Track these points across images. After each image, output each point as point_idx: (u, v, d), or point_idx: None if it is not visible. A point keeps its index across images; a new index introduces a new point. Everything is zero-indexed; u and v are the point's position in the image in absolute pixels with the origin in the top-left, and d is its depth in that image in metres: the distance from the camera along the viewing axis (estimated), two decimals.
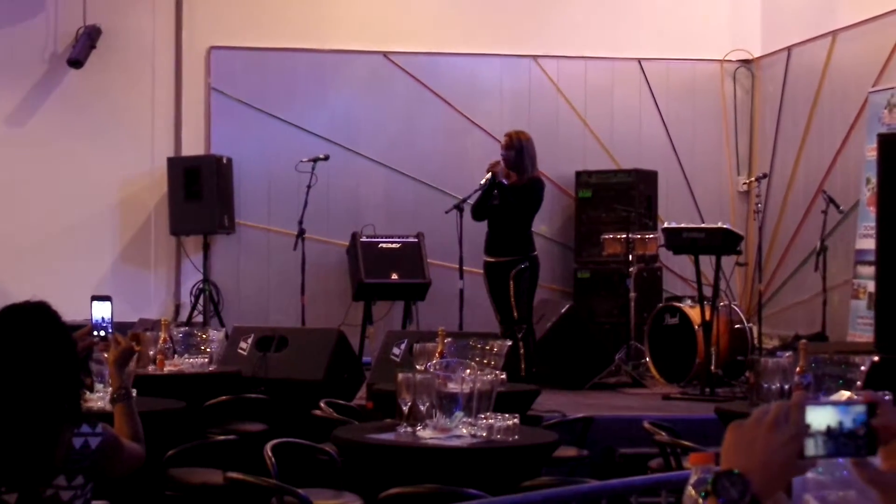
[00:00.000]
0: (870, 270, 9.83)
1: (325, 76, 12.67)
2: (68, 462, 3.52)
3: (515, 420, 4.87)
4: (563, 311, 10.50)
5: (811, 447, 1.88)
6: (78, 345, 4.03)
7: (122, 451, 3.74)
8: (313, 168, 11.18)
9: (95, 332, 4.46)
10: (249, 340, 8.72)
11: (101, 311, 4.98)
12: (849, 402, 1.90)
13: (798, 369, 5.84)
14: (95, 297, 5.03)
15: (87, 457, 3.55)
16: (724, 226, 9.79)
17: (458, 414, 4.82)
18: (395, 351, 8.30)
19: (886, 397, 5.25)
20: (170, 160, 12.20)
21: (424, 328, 10.93)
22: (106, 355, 5.66)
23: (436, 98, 12.76)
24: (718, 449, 2.01)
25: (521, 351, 9.34)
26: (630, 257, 11.07)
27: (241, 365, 8.35)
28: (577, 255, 12.59)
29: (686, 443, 5.56)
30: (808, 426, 1.87)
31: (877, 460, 1.94)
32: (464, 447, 4.70)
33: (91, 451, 3.56)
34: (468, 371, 5.06)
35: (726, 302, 10.46)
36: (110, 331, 5.17)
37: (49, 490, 3.49)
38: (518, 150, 9.85)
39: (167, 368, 7.36)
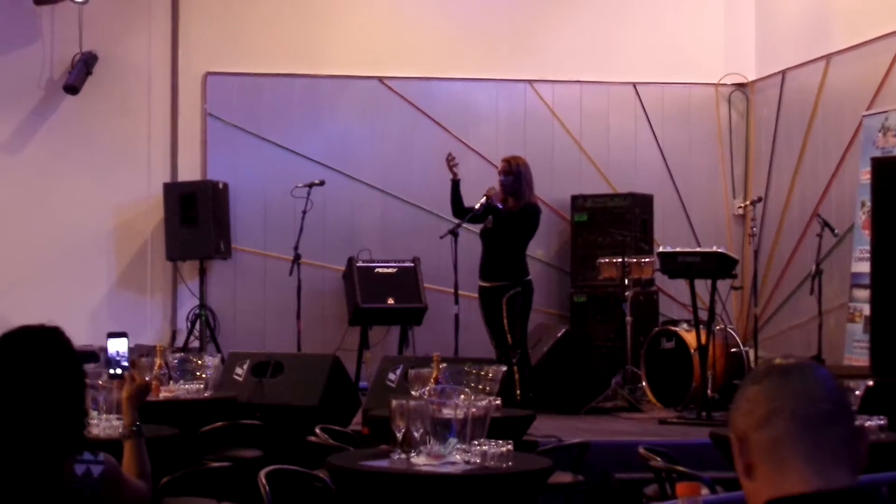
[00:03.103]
0: (865, 294, 9.84)
1: (320, 101, 12.70)
2: (70, 491, 3.45)
3: (509, 446, 4.86)
4: (559, 335, 10.50)
5: None
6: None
7: (125, 484, 3.66)
8: (309, 193, 11.20)
9: (111, 369, 4.44)
10: (245, 366, 8.71)
11: (117, 346, 4.98)
12: None
13: None
14: (112, 334, 5.03)
15: (88, 486, 3.48)
16: (719, 250, 9.79)
17: (452, 440, 4.81)
18: (391, 376, 8.28)
19: (882, 421, 5.25)
20: (166, 186, 12.22)
21: (421, 353, 10.94)
22: (99, 381, 5.67)
23: (431, 123, 12.78)
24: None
25: (517, 376, 9.34)
26: (626, 281, 11.09)
27: (237, 391, 8.34)
28: (574, 279, 12.59)
29: (681, 468, 5.54)
30: None
31: None
32: (457, 474, 4.69)
33: (93, 479, 3.49)
34: (462, 397, 5.06)
35: (722, 326, 10.47)
36: (126, 366, 5.16)
37: None
38: (516, 175, 9.89)
39: (162, 395, 7.34)
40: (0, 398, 3.41)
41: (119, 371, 4.59)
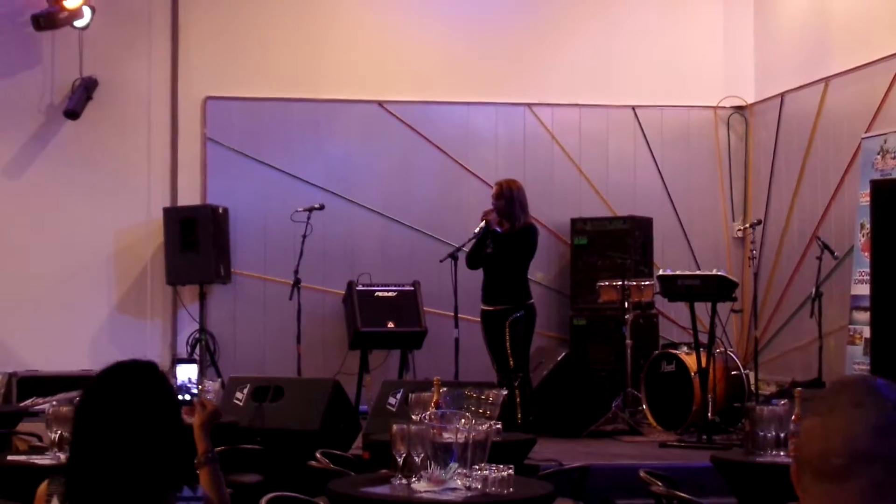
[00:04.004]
0: (865, 316, 9.84)
1: (320, 125, 12.72)
2: None
3: (510, 471, 4.85)
4: (559, 358, 10.49)
5: None
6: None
7: None
8: (309, 217, 11.22)
9: (180, 395, 4.37)
10: (245, 390, 8.70)
11: (187, 373, 4.91)
12: None
13: (794, 417, 5.82)
14: (180, 360, 5.00)
15: None
16: (719, 273, 9.80)
17: (453, 465, 4.80)
18: (392, 400, 8.28)
19: None
20: (166, 210, 12.23)
21: (421, 376, 10.95)
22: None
23: (431, 146, 12.80)
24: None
25: (518, 399, 9.34)
26: (626, 304, 11.09)
27: (238, 415, 8.33)
28: (573, 302, 12.58)
29: (682, 494, 5.53)
30: None
31: None
32: (458, 501, 4.68)
33: None
34: (463, 421, 5.05)
35: (722, 348, 10.46)
36: (195, 393, 5.09)
37: None
38: (508, 198, 9.93)
39: None
40: (103, 434, 3.32)
41: (188, 398, 4.48)
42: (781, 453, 5.77)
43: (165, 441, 3.36)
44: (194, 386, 4.63)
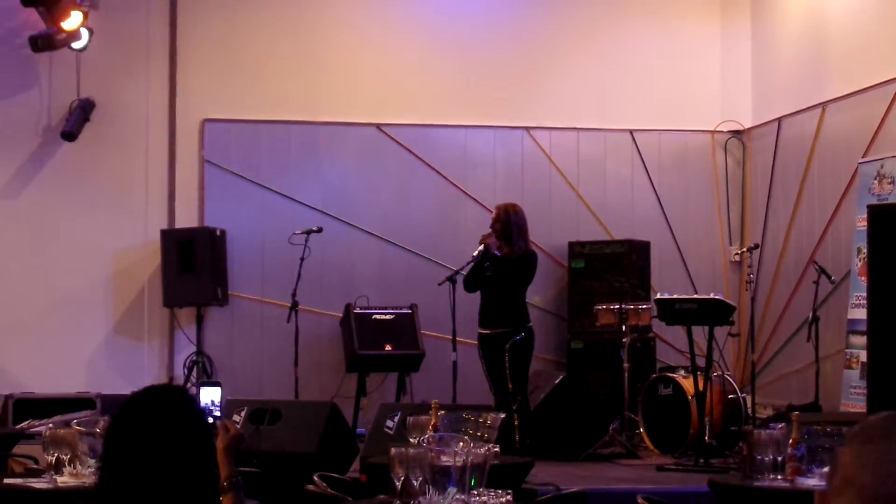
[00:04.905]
0: (862, 340, 9.84)
1: (318, 148, 12.74)
2: None
3: (508, 496, 4.84)
4: (556, 381, 10.50)
5: None
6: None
7: None
8: (307, 240, 11.24)
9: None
10: (243, 413, 8.69)
11: (211, 396, 4.86)
12: None
13: (791, 441, 5.81)
14: (204, 383, 4.94)
15: None
16: (717, 297, 9.82)
17: (451, 490, 4.79)
18: (389, 423, 8.28)
19: None
20: (163, 232, 12.23)
21: (418, 399, 10.93)
22: (96, 428, 5.65)
23: (429, 169, 12.81)
24: None
25: (516, 423, 9.33)
26: (623, 328, 11.09)
27: None
28: (571, 325, 12.58)
29: None
30: None
31: None
32: None
33: None
34: (461, 444, 5.03)
35: (720, 372, 10.47)
36: (219, 416, 5.03)
37: None
38: (505, 222, 9.95)
39: None
40: (133, 459, 3.26)
41: (211, 421, 4.39)
42: (779, 477, 5.75)
43: (197, 466, 3.32)
44: (218, 408, 4.56)
